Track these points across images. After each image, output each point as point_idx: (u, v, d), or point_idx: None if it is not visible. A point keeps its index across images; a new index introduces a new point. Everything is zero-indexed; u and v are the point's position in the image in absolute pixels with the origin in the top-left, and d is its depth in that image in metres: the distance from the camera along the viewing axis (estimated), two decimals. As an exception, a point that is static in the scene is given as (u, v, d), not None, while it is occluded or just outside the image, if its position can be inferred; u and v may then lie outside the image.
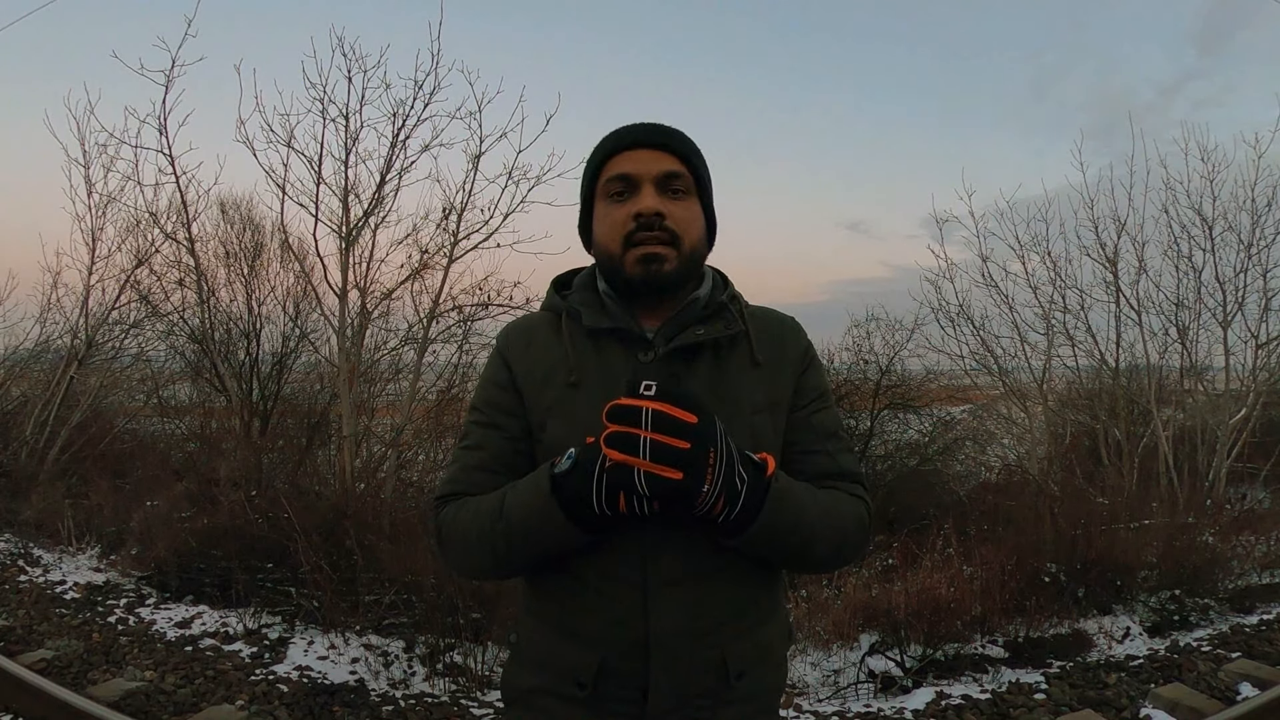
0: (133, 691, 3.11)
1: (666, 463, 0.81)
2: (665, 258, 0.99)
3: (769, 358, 1.05)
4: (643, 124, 1.04)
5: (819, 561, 1.01)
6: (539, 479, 0.92)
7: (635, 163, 1.01)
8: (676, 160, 1.02)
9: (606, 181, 1.03)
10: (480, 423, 1.05)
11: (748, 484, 0.88)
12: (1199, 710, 2.95)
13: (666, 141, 1.02)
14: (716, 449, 0.84)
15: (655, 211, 0.98)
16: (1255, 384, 7.40)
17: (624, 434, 0.82)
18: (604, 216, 1.03)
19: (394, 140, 5.90)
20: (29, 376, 8.39)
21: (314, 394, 8.35)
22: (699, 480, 0.83)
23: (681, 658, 0.96)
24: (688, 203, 1.02)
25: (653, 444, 0.81)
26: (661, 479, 0.81)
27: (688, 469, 0.82)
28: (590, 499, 0.86)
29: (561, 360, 1.02)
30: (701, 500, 0.85)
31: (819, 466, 1.04)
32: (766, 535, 0.91)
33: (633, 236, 0.99)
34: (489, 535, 0.96)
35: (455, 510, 1.01)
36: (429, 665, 3.59)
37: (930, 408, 10.43)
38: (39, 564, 5.11)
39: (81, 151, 7.46)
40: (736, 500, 0.87)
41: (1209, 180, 7.33)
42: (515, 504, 0.94)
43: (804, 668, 3.76)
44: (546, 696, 1.02)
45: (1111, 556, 4.37)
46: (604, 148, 1.04)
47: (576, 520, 0.89)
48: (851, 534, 1.02)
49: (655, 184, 1.00)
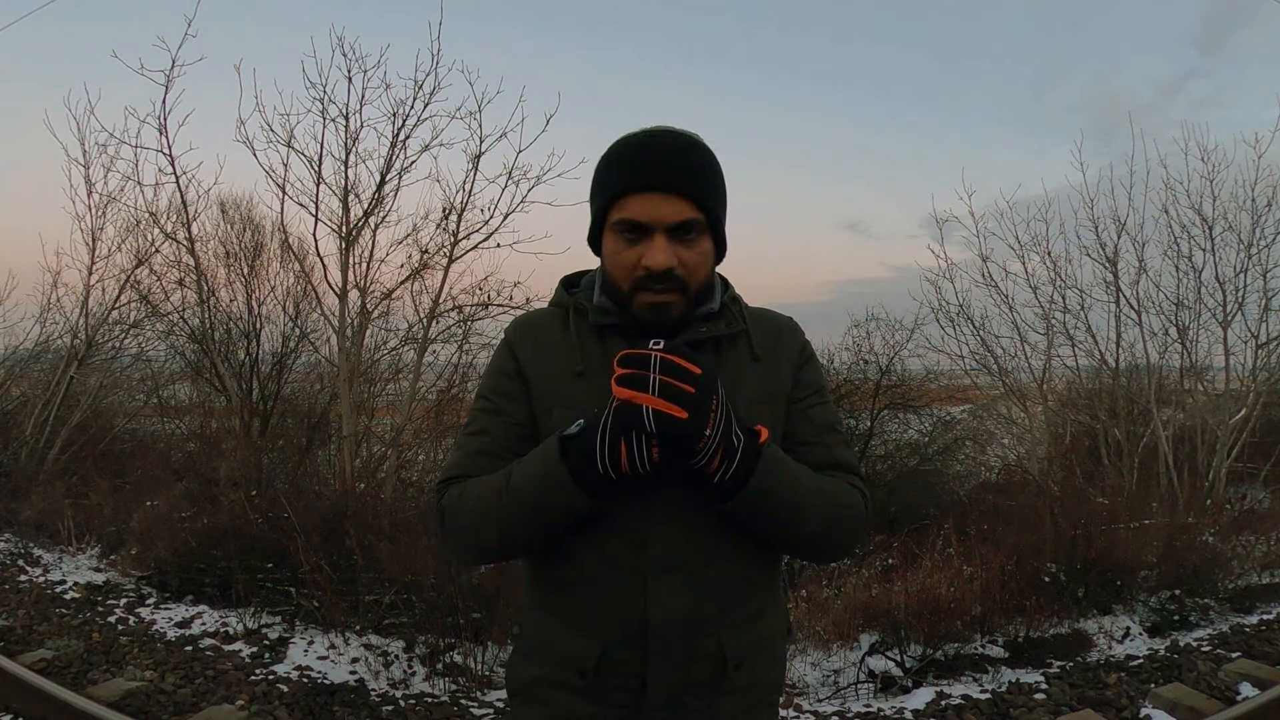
0: (133, 691, 3.11)
1: (673, 401, 0.85)
2: (673, 305, 0.99)
3: (767, 353, 1.07)
4: (658, 156, 0.96)
5: (811, 537, 1.01)
6: (547, 445, 0.95)
7: (648, 209, 0.95)
8: (692, 207, 0.96)
9: (616, 222, 0.98)
10: (486, 409, 1.07)
11: (744, 442, 0.92)
12: (1199, 710, 2.95)
13: (684, 186, 0.96)
14: (718, 398, 0.89)
15: (666, 269, 0.96)
16: (1255, 384, 7.41)
17: (633, 374, 0.86)
18: (613, 253, 1.00)
19: (394, 140, 5.93)
20: (29, 376, 8.39)
21: (314, 394, 8.37)
22: (702, 422, 0.87)
23: (679, 646, 0.98)
24: (700, 245, 0.99)
25: (661, 384, 0.85)
26: (668, 416, 0.85)
27: (692, 410, 0.86)
28: (596, 453, 0.89)
29: (568, 351, 1.03)
30: (703, 445, 0.89)
31: (816, 458, 1.05)
32: (759, 500, 0.94)
33: (642, 283, 0.98)
34: (494, 508, 0.97)
35: (459, 491, 1.02)
36: (429, 665, 3.59)
37: (930, 408, 10.43)
38: (39, 564, 5.11)
39: (81, 151, 7.47)
40: (734, 454, 0.91)
41: (1209, 180, 7.36)
42: (522, 473, 0.96)
43: (804, 668, 3.76)
44: (548, 687, 1.03)
45: (1111, 556, 4.37)
46: (615, 184, 0.97)
47: (581, 482, 0.91)
48: (845, 514, 1.02)
49: (668, 233, 0.96)
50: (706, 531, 0.97)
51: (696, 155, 0.98)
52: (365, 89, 5.80)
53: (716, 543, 0.98)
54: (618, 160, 0.99)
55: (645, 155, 0.96)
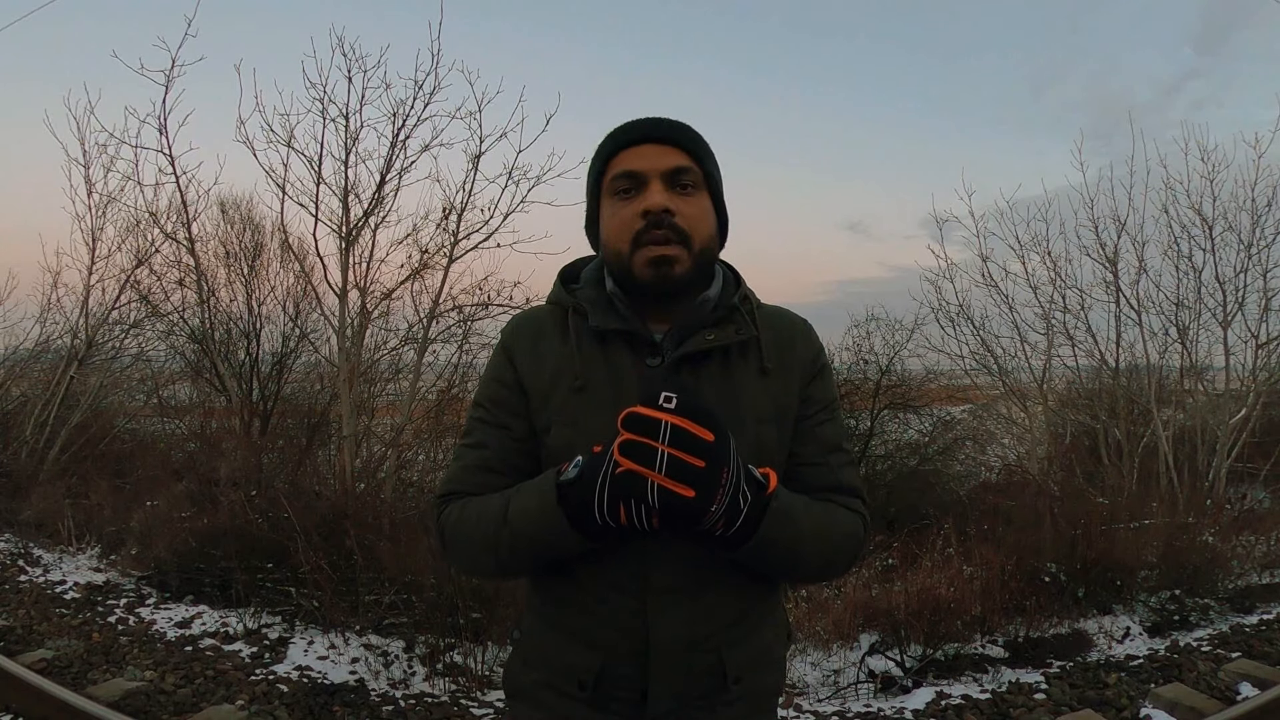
0: (133, 691, 3.11)
1: (681, 479, 0.80)
2: (676, 259, 0.96)
3: (778, 364, 1.03)
4: (648, 118, 1.02)
5: (807, 576, 1.04)
6: (544, 487, 0.91)
7: (641, 158, 0.98)
8: (685, 155, 0.99)
9: (613, 179, 1.00)
10: (484, 420, 1.04)
11: (749, 503, 0.87)
12: (1199, 710, 2.95)
13: (673, 136, 0.99)
14: (729, 470, 0.83)
15: (664, 208, 0.95)
16: (1255, 384, 7.41)
17: (641, 444, 0.80)
18: (611, 215, 1.00)
19: (394, 140, 5.91)
20: (29, 376, 8.39)
21: (314, 394, 8.36)
22: (709, 500, 0.82)
23: (680, 664, 0.97)
24: (697, 198, 1.00)
25: (670, 459, 0.79)
26: (674, 495, 0.80)
27: (700, 488, 0.80)
28: (593, 508, 0.85)
29: (568, 363, 1.00)
30: (707, 519, 0.84)
31: (820, 479, 1.04)
32: (759, 550, 0.92)
33: (642, 236, 0.96)
34: (492, 540, 0.95)
35: (458, 511, 1.00)
36: (429, 665, 3.59)
37: (930, 408, 10.44)
38: (39, 564, 5.11)
39: (81, 151, 7.49)
40: (737, 519, 0.87)
41: (1209, 180, 7.34)
42: (519, 510, 0.93)
43: (804, 668, 3.76)
44: (548, 691, 1.03)
45: (1111, 556, 4.37)
46: (609, 144, 1.02)
47: (579, 528, 0.88)
48: (842, 551, 1.02)
49: (663, 180, 0.97)
50: (707, 554, 0.95)
51: (684, 123, 1.03)
52: (365, 89, 5.79)
53: (718, 565, 0.96)
54: (612, 131, 1.03)
55: (636, 121, 1.02)
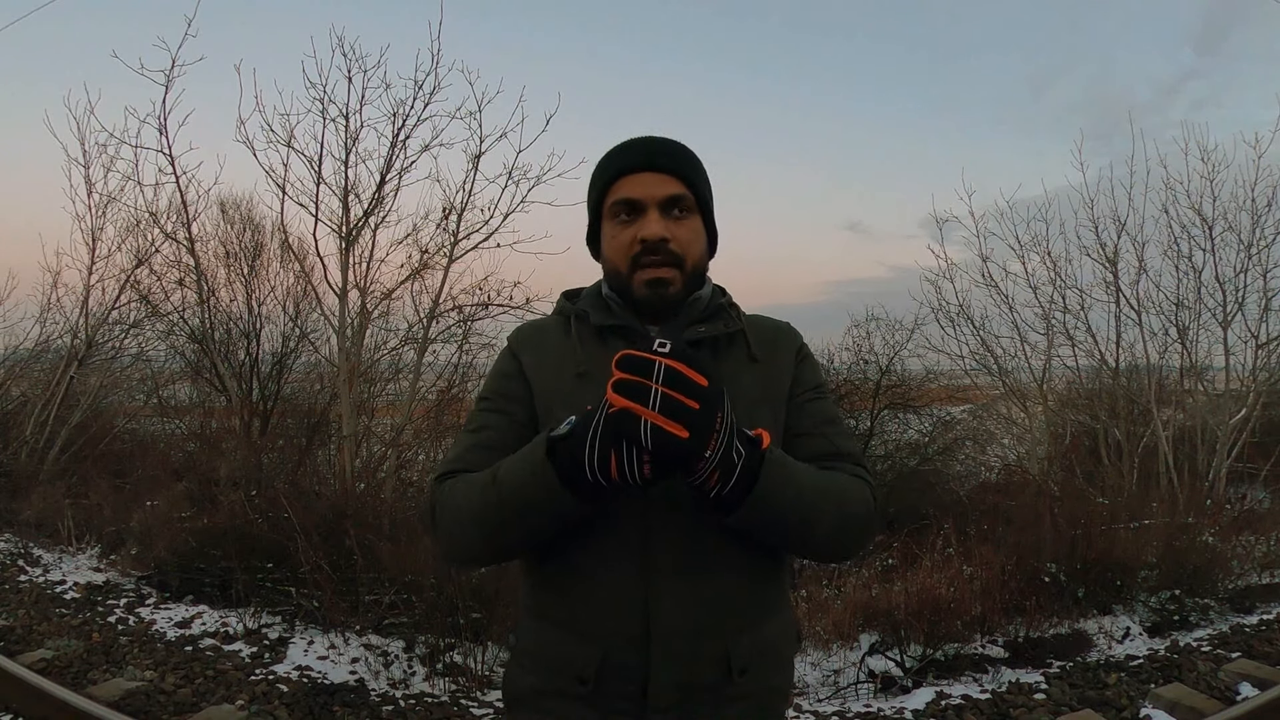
0: (133, 691, 3.11)
1: (675, 418, 0.78)
2: (670, 281, 1.04)
3: (765, 355, 1.08)
4: (647, 143, 1.08)
5: (823, 540, 0.99)
6: (535, 443, 0.91)
7: (640, 187, 1.04)
8: (679, 183, 1.05)
9: (612, 204, 1.06)
10: (487, 408, 1.08)
11: (744, 457, 0.87)
12: (1199, 710, 2.95)
13: (670, 164, 1.06)
14: (723, 415, 0.83)
15: (660, 238, 1.03)
16: (1255, 384, 7.41)
17: (634, 383, 0.79)
18: (611, 237, 1.07)
19: (394, 140, 5.92)
20: (29, 376, 8.40)
21: (314, 394, 8.37)
22: (702, 443, 0.81)
23: (683, 651, 0.96)
24: (690, 222, 1.07)
25: (663, 398, 0.78)
26: (667, 434, 0.78)
27: (694, 429, 0.79)
28: (584, 457, 0.83)
29: (570, 353, 1.06)
30: (700, 466, 0.83)
31: (818, 449, 1.04)
32: (763, 509, 0.90)
33: (639, 259, 1.04)
34: (480, 506, 0.94)
35: (452, 485, 1.00)
36: (429, 665, 3.59)
37: (930, 408, 10.45)
38: (39, 564, 5.11)
39: (81, 151, 7.50)
40: (732, 473, 0.86)
41: (1209, 180, 7.36)
42: (509, 468, 0.92)
43: (804, 668, 3.76)
44: (548, 696, 1.01)
45: (1111, 556, 4.37)
46: (609, 169, 1.08)
47: (570, 485, 0.86)
48: (855, 510, 0.99)
49: (660, 208, 1.04)
50: (711, 535, 0.94)
51: (680, 146, 1.09)
52: (365, 89, 5.80)
53: (722, 546, 0.96)
54: (611, 155, 1.09)
55: (635, 145, 1.08)
